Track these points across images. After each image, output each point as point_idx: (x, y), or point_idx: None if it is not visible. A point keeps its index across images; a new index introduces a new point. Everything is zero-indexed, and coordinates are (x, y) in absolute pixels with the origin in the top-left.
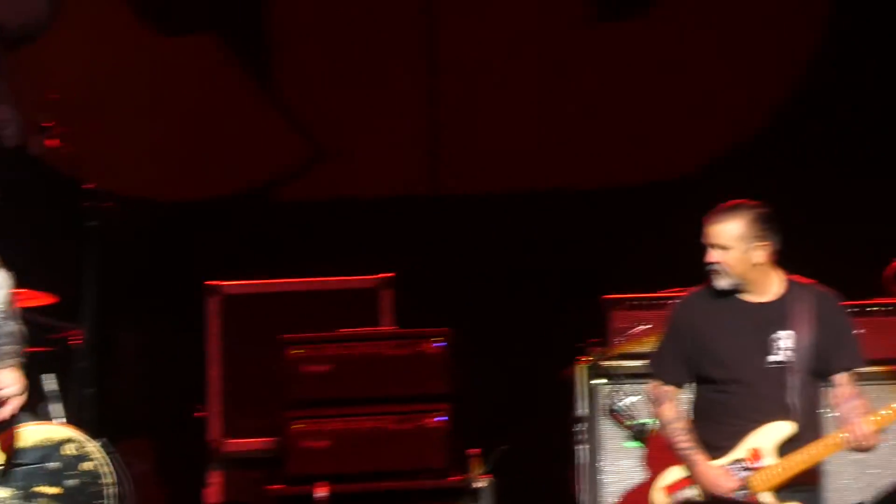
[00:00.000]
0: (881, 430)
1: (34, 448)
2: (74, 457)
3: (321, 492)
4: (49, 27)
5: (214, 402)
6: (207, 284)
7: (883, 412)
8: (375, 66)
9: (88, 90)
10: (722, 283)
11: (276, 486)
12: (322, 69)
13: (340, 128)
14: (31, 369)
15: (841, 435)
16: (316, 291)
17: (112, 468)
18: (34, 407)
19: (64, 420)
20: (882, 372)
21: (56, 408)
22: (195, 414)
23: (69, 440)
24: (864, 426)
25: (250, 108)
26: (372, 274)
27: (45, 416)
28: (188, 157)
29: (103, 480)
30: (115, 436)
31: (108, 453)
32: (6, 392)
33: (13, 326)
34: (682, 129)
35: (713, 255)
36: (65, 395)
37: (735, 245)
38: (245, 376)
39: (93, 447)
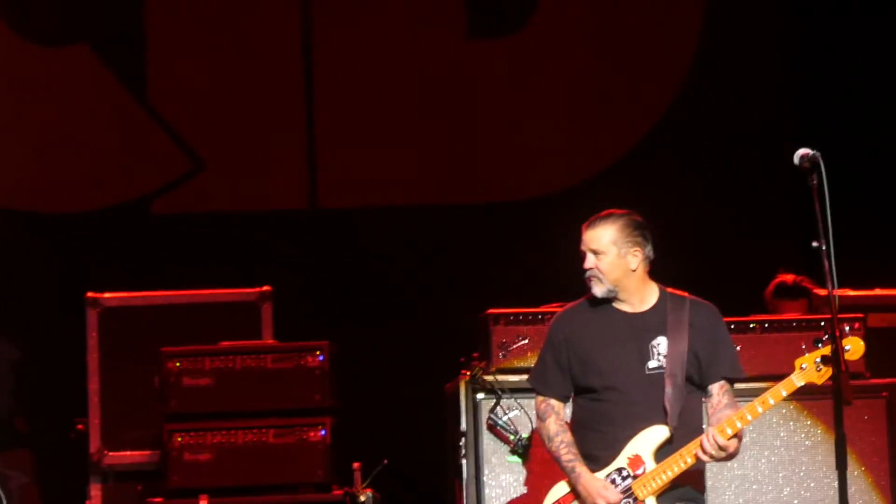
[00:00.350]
0: (735, 436)
1: None
2: None
3: None
4: None
5: (94, 414)
6: (87, 296)
7: (735, 419)
8: (253, 79)
9: None
10: (598, 289)
11: (156, 500)
12: (199, 82)
13: (218, 141)
14: None
15: (697, 442)
16: (196, 304)
17: None
18: None
19: None
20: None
21: None
22: (75, 426)
23: None
24: (714, 437)
25: (127, 120)
26: (251, 287)
27: None
28: (65, 168)
29: None
30: None
31: None
32: None
33: None
34: (562, 144)
35: (589, 261)
36: None
37: (608, 250)
38: (125, 389)
39: None
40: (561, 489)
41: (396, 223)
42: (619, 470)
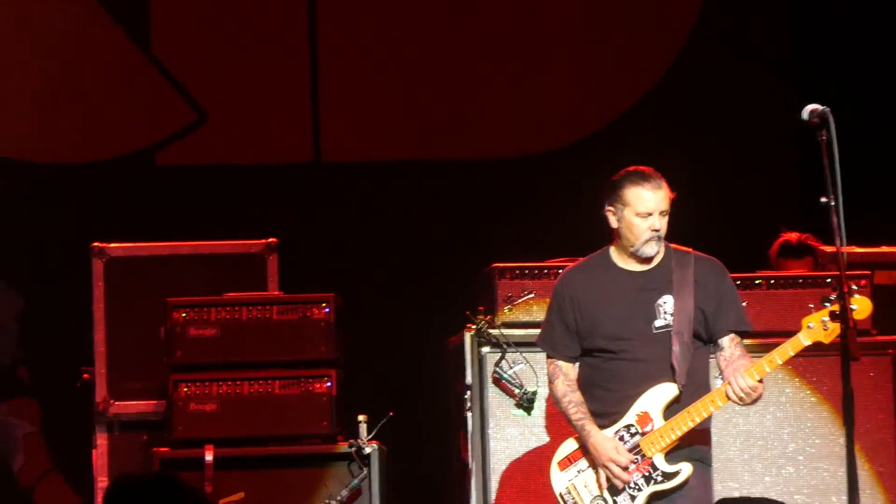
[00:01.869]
0: (760, 380)
1: None
2: None
3: (207, 455)
4: None
5: (100, 363)
6: (93, 246)
7: (763, 362)
8: (257, 31)
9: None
10: (654, 249)
11: (162, 449)
12: (203, 33)
13: (222, 93)
14: None
15: (723, 388)
16: (201, 255)
17: None
18: None
19: None
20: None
21: None
22: (81, 376)
23: None
24: (743, 378)
25: (132, 71)
26: (257, 239)
27: None
28: (70, 119)
29: None
30: (1, 396)
31: None
32: None
33: None
34: (567, 97)
35: (661, 222)
36: None
37: (668, 209)
38: (131, 338)
39: None
40: (570, 445)
41: (401, 177)
42: (628, 427)
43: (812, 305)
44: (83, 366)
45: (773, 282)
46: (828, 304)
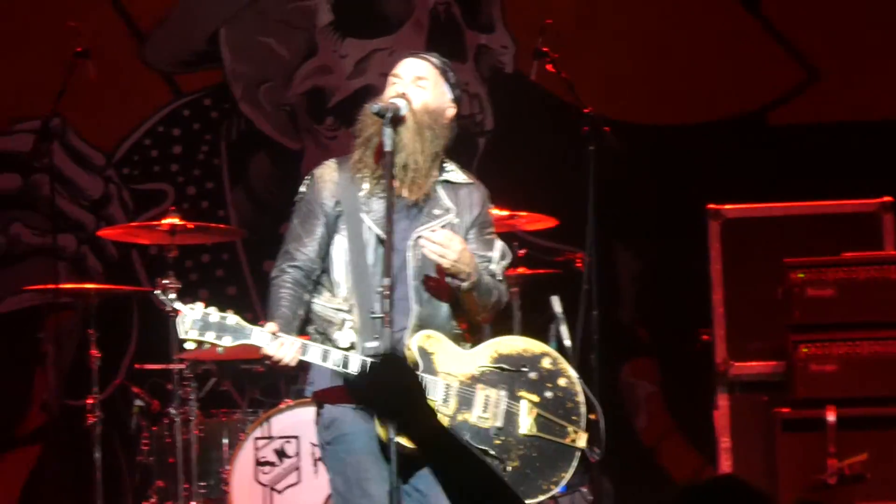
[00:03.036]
0: None
1: (515, 356)
2: (550, 371)
3: (830, 415)
4: None
5: (719, 325)
6: (709, 208)
7: None
8: None
9: (582, 14)
10: None
11: (783, 410)
12: None
13: (832, 51)
14: (539, 291)
15: None
16: (815, 215)
17: (583, 389)
18: (544, 327)
19: (569, 342)
20: None
21: (562, 330)
22: (700, 337)
23: (546, 354)
24: None
25: (742, 31)
26: (869, 198)
27: (555, 337)
28: (683, 81)
29: (577, 399)
30: (621, 357)
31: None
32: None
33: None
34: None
35: None
36: (570, 316)
37: None
38: (748, 299)
39: (565, 366)
40: None
41: None
42: None
43: None
44: (701, 327)
45: None
46: None
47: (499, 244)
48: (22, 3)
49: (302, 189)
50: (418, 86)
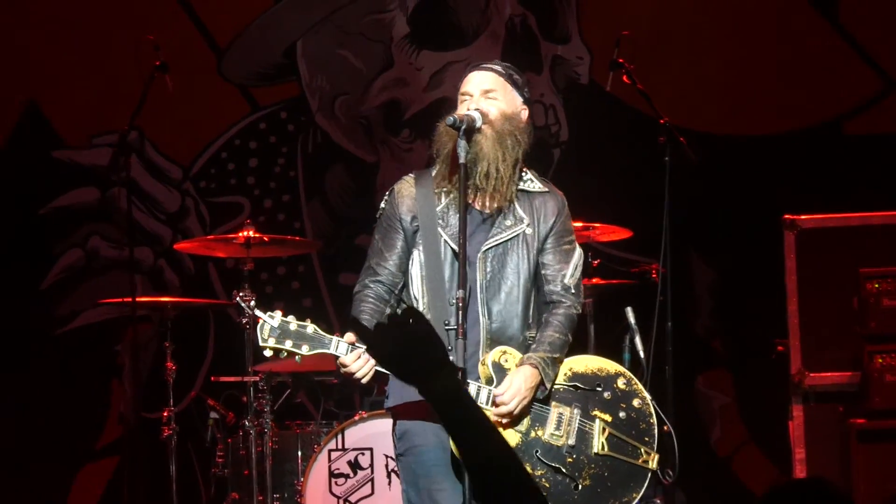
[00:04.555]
0: None
1: (589, 375)
2: (624, 391)
3: None
4: None
5: (794, 335)
6: (785, 218)
7: None
8: None
9: (658, 25)
10: None
11: (858, 420)
12: (890, 4)
13: None
14: (613, 302)
15: None
16: (890, 225)
17: (656, 411)
18: (618, 338)
19: (643, 352)
20: None
21: (636, 341)
22: (776, 347)
23: (620, 374)
24: None
25: (820, 41)
26: None
27: (629, 349)
28: (758, 92)
29: (651, 420)
30: (696, 368)
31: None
32: None
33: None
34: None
35: None
36: (645, 328)
37: None
38: (823, 310)
39: (640, 387)
40: None
41: None
42: None
43: None
44: (776, 337)
45: None
46: None
47: (576, 255)
48: (100, 18)
49: (382, 205)
50: (488, 97)
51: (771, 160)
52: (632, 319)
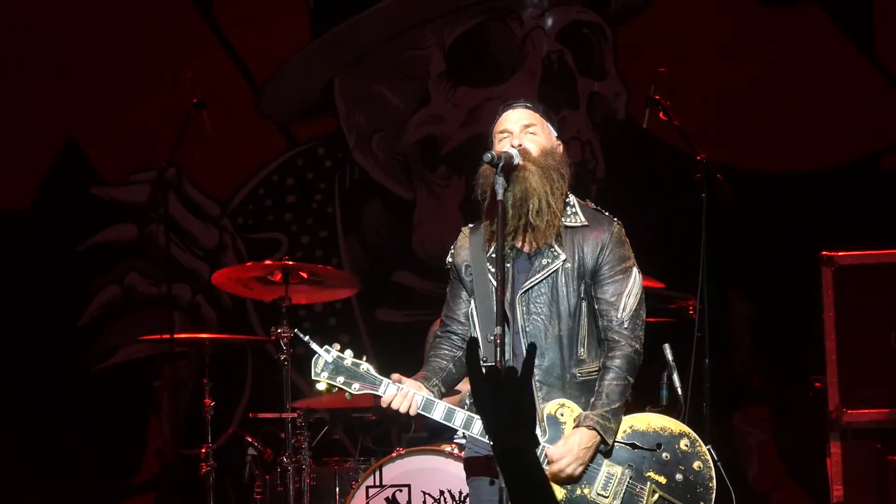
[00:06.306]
0: None
1: (651, 434)
2: (686, 453)
3: None
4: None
5: (832, 372)
6: (822, 255)
7: None
8: None
9: (694, 62)
10: None
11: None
12: None
13: None
14: (651, 338)
15: None
16: None
17: (717, 474)
18: (656, 375)
19: (680, 389)
20: None
21: (675, 378)
22: (813, 384)
23: (685, 435)
24: None
25: (856, 76)
26: None
27: (667, 386)
28: (795, 127)
29: (710, 484)
30: (733, 404)
31: (714, 460)
32: None
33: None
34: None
35: None
36: (683, 364)
37: None
38: (861, 346)
39: (704, 449)
40: None
41: None
42: None
43: None
44: (814, 374)
45: None
46: None
47: (631, 280)
48: (138, 54)
49: (447, 259)
50: (529, 132)
51: (808, 196)
52: (670, 357)
